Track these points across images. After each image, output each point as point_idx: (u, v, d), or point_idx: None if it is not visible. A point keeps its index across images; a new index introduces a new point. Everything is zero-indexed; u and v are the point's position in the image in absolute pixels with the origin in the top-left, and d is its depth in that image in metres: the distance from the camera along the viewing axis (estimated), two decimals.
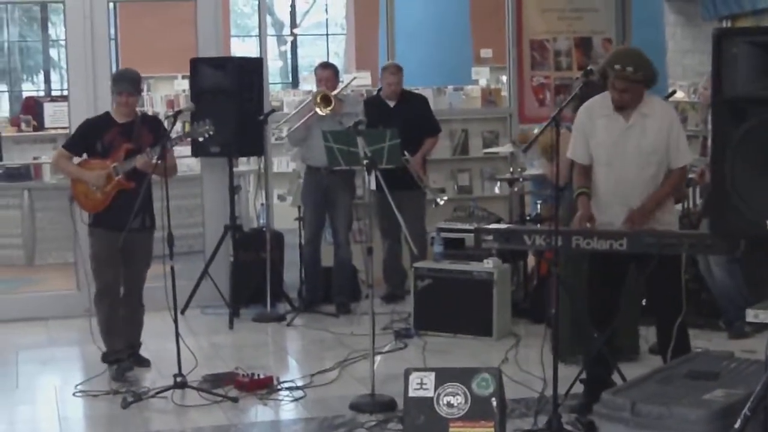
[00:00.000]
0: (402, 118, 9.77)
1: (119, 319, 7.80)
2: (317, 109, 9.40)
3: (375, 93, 10.57)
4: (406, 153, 9.44)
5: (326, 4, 27.60)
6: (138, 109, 7.96)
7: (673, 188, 6.58)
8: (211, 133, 7.63)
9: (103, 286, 7.77)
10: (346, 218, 9.78)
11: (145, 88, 20.88)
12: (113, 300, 7.77)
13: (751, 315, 4.94)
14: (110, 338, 7.78)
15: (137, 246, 7.68)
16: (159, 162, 7.32)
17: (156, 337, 8.20)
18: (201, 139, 7.92)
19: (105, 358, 7.76)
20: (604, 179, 6.52)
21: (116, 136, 7.66)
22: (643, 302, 8.32)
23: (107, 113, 7.89)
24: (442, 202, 9.62)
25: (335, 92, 9.56)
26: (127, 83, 7.71)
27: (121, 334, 7.82)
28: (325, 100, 9.43)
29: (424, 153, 10.05)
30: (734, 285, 8.37)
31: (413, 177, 9.63)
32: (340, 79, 10.09)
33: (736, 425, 4.34)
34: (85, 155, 7.79)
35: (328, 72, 9.77)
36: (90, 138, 7.74)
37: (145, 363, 7.97)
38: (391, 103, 10.10)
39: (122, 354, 7.75)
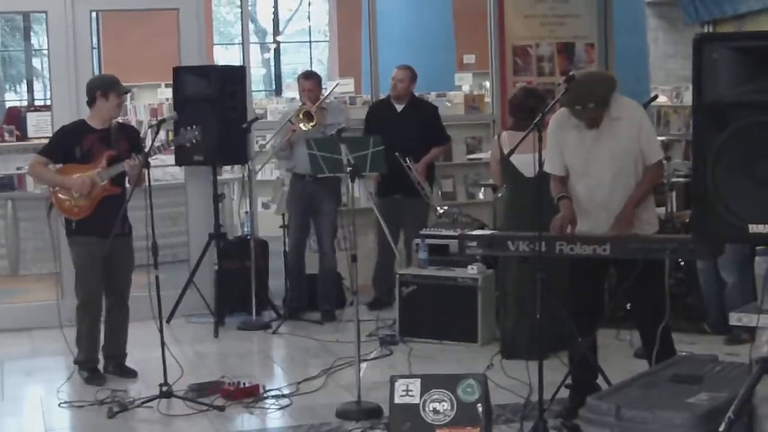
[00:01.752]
0: (408, 123, 9.83)
1: (99, 328, 7.88)
2: (301, 126, 9.41)
3: (385, 97, 10.57)
4: (408, 159, 9.46)
5: (309, 12, 27.62)
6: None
7: (651, 184, 6.61)
8: (198, 139, 7.66)
9: (87, 296, 7.80)
10: (331, 226, 9.79)
11: (128, 97, 20.96)
12: (97, 310, 7.82)
13: (735, 318, 4.96)
14: (90, 346, 7.88)
15: (122, 251, 7.74)
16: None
17: (141, 346, 8.19)
18: (188, 145, 7.96)
19: (84, 365, 7.84)
20: (582, 188, 6.54)
21: (95, 142, 7.71)
22: (627, 306, 8.38)
23: (83, 120, 7.94)
24: (442, 211, 9.61)
25: (318, 102, 9.57)
26: (124, 87, 7.93)
27: (99, 343, 7.92)
28: (308, 117, 9.45)
29: (429, 161, 10.05)
30: (744, 291, 8.33)
31: (415, 184, 9.64)
32: (324, 86, 10.10)
33: (721, 428, 4.35)
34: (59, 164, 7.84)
35: (310, 82, 9.79)
36: (69, 144, 7.77)
37: (131, 374, 7.96)
38: (399, 107, 10.12)
39: (97, 363, 7.90)
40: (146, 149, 7.49)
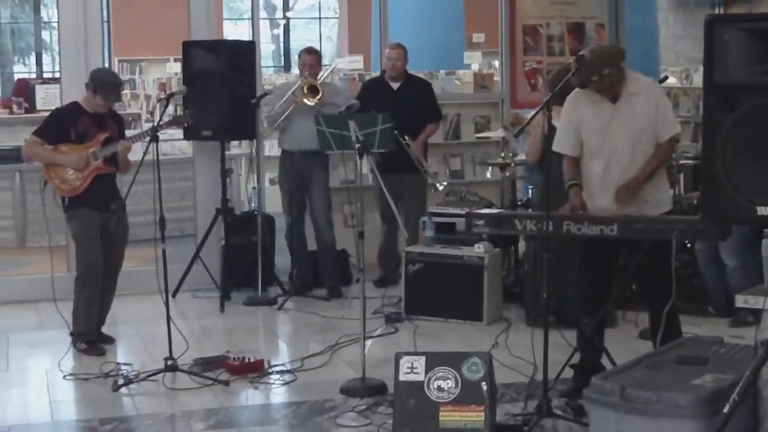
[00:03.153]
0: (404, 101, 9.79)
1: (97, 300, 8.00)
2: (305, 100, 9.40)
3: (378, 74, 10.56)
4: (407, 137, 9.44)
5: None
6: None
7: (660, 161, 6.58)
8: (190, 123, 7.84)
9: (87, 266, 7.91)
10: (324, 200, 9.81)
11: (137, 70, 20.97)
12: (96, 281, 7.91)
13: (741, 300, 4.96)
14: (88, 318, 7.97)
15: (115, 227, 7.81)
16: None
17: (147, 320, 8.22)
18: (186, 125, 8.13)
19: (82, 336, 7.93)
20: (598, 164, 6.52)
21: (89, 124, 7.87)
22: (633, 287, 8.39)
23: (76, 103, 8.02)
24: (441, 188, 9.62)
25: (319, 81, 9.57)
26: (117, 94, 8.20)
27: (95, 315, 8.05)
28: (313, 90, 9.44)
29: (425, 138, 10.04)
30: (747, 274, 8.34)
31: (414, 161, 9.62)
32: (325, 65, 10.09)
33: (725, 410, 4.35)
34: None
35: (312, 57, 9.80)
36: (65, 125, 7.91)
37: (109, 340, 8.16)
38: (395, 86, 10.10)
39: (93, 335, 8.02)
40: (155, 123, 7.52)
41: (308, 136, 9.13)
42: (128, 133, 8.31)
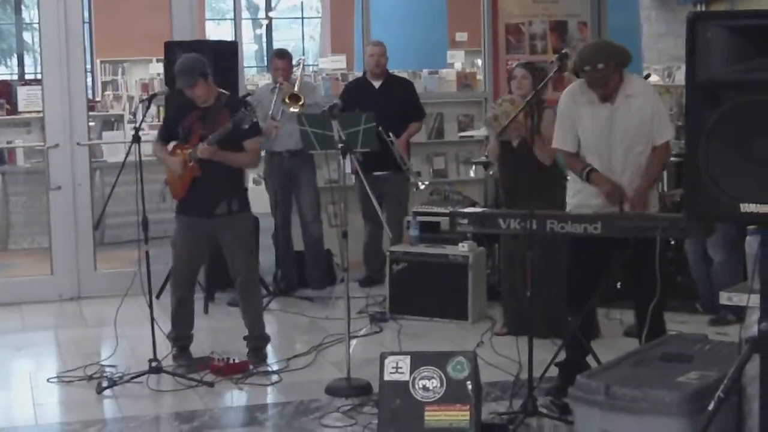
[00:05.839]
0: (385, 99, 9.80)
1: (185, 308, 7.65)
2: (291, 109, 9.40)
3: (361, 75, 10.57)
4: (391, 135, 9.44)
5: None
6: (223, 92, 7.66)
7: (661, 164, 6.66)
8: (254, 119, 7.33)
9: (174, 272, 7.70)
10: (312, 197, 9.83)
11: (119, 71, 20.92)
12: (181, 285, 7.60)
13: (725, 298, 4.96)
14: (176, 322, 7.66)
15: (224, 232, 7.48)
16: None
17: (131, 322, 8.18)
18: (246, 126, 7.28)
19: (174, 342, 7.65)
20: (593, 163, 6.54)
21: (195, 121, 7.43)
22: (618, 285, 8.39)
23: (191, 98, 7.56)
24: (422, 187, 9.62)
25: (298, 82, 9.58)
26: (181, 79, 7.37)
27: (186, 323, 7.67)
28: (294, 98, 9.45)
29: (408, 137, 10.04)
30: (731, 271, 8.35)
31: (394, 158, 9.62)
32: (308, 64, 10.08)
33: (710, 407, 4.35)
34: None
35: (284, 61, 9.84)
36: (172, 126, 7.59)
37: (262, 358, 7.69)
38: (377, 84, 10.10)
39: (184, 341, 7.64)
40: (136, 124, 7.43)
41: (294, 136, 9.16)
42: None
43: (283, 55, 9.96)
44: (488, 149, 8.73)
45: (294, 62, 9.98)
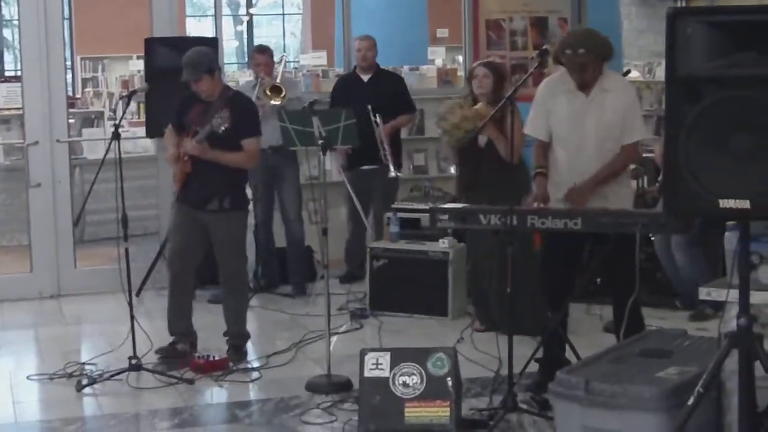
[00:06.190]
0: (374, 93, 9.81)
1: (179, 299, 7.66)
2: (272, 102, 9.39)
3: (351, 70, 10.56)
4: (377, 116, 9.43)
5: None
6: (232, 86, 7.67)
7: (621, 165, 6.65)
8: (226, 126, 7.16)
9: (169, 258, 7.73)
10: (295, 194, 9.81)
11: (100, 68, 20.85)
12: (175, 274, 7.62)
13: (704, 293, 4.98)
14: (171, 313, 7.68)
15: (215, 228, 7.47)
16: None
17: (111, 319, 8.16)
18: (221, 131, 7.16)
19: (171, 336, 7.66)
20: (564, 155, 6.55)
21: (196, 115, 7.41)
22: (598, 281, 8.41)
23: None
24: (394, 175, 9.56)
25: (278, 80, 9.57)
26: (186, 72, 7.32)
27: (181, 316, 7.68)
28: (275, 90, 9.44)
29: (396, 126, 9.99)
30: (697, 269, 8.39)
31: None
32: (290, 61, 10.08)
33: (690, 402, 4.36)
34: None
35: (265, 56, 9.82)
36: (179, 115, 7.54)
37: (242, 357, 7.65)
38: (365, 78, 10.11)
39: (179, 338, 7.64)
40: (116, 121, 7.40)
41: (278, 132, 9.13)
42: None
43: (264, 50, 9.95)
44: (442, 149, 8.73)
45: (276, 59, 9.98)
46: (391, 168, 9.60)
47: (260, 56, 9.80)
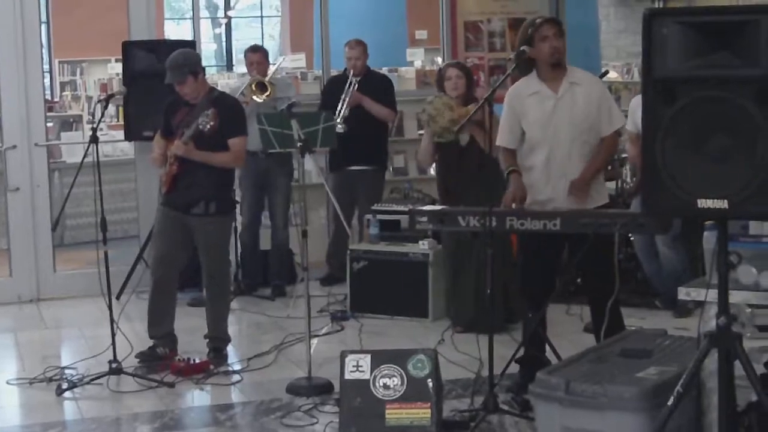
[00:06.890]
0: (364, 94, 9.79)
1: (160, 304, 7.63)
2: (254, 97, 9.37)
3: (341, 72, 10.56)
4: (354, 80, 9.67)
5: None
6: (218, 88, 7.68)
7: (609, 155, 6.70)
8: (211, 125, 7.16)
9: (151, 261, 7.72)
10: (284, 201, 9.78)
11: (78, 71, 20.79)
12: (156, 278, 7.59)
13: (683, 293, 4.99)
14: (149, 317, 7.64)
15: (199, 232, 7.46)
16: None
17: (91, 322, 8.14)
18: (206, 129, 7.15)
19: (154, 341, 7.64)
20: (540, 155, 6.53)
21: (182, 117, 7.39)
22: (578, 281, 8.42)
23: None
24: (341, 129, 9.40)
25: (268, 77, 9.55)
26: (170, 74, 7.31)
27: (162, 320, 7.63)
28: (261, 87, 9.42)
29: (372, 106, 9.91)
30: (680, 262, 8.43)
31: (371, 152, 9.75)
32: (272, 62, 10.07)
33: (669, 402, 4.38)
34: None
35: (258, 55, 9.80)
36: (167, 118, 7.52)
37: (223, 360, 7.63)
38: (355, 80, 10.10)
39: (159, 341, 7.61)
40: (95, 124, 7.38)
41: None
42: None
43: (257, 49, 9.95)
44: (421, 150, 8.68)
45: (273, 60, 9.97)
46: (337, 124, 9.40)
47: (253, 55, 9.79)
